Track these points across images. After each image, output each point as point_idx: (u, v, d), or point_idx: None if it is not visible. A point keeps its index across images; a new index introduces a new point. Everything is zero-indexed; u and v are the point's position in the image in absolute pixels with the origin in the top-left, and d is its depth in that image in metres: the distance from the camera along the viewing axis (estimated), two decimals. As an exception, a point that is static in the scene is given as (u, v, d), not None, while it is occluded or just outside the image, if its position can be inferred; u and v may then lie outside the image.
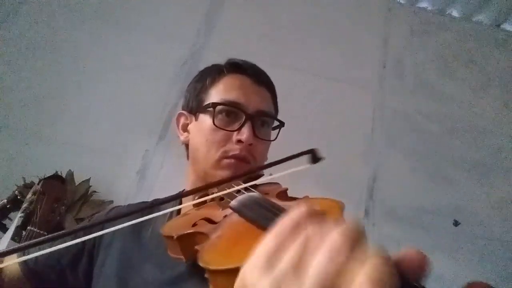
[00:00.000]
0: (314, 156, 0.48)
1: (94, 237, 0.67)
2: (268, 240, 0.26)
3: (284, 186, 0.61)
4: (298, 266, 0.23)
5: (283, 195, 0.57)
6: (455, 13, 2.06)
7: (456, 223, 1.60)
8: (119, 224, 0.37)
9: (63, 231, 0.36)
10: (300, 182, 0.61)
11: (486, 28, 2.03)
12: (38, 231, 1.03)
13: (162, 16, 1.86)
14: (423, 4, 2.06)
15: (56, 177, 1.21)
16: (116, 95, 1.68)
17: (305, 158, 0.50)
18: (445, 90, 1.87)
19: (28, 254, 0.46)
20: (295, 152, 0.49)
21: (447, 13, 2.06)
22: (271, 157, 0.78)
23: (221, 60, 0.78)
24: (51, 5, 1.81)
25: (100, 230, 0.39)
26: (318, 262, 0.23)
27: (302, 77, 1.80)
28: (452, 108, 1.83)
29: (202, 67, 0.82)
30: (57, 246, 0.34)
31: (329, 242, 0.23)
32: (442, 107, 1.83)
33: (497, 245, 1.57)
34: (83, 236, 0.38)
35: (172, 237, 0.48)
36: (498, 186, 1.68)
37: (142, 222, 0.69)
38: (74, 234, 0.35)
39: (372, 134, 1.74)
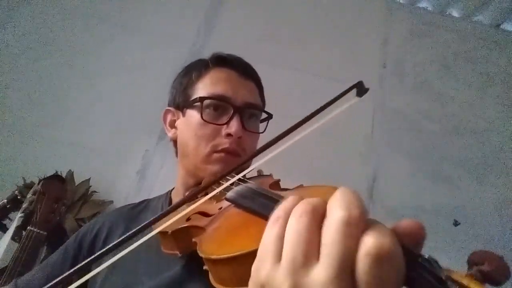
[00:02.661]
0: (360, 89, 0.46)
1: (85, 253, 0.67)
2: (268, 231, 0.26)
3: (276, 178, 0.60)
4: (306, 249, 0.23)
5: (275, 186, 0.57)
6: (455, 13, 2.05)
7: (456, 223, 1.60)
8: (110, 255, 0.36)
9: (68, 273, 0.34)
10: (299, 181, 0.61)
11: (486, 28, 2.03)
12: (38, 231, 1.03)
13: (162, 16, 1.86)
14: (423, 4, 2.06)
15: (56, 177, 1.21)
16: (116, 95, 1.68)
17: (351, 94, 0.48)
18: (445, 90, 1.87)
19: None
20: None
21: (447, 13, 2.06)
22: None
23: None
24: (51, 5, 1.81)
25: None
26: (330, 239, 0.23)
27: (302, 77, 1.80)
28: (452, 108, 1.83)
29: (202, 67, 0.81)
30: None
31: (336, 217, 0.23)
32: (442, 107, 1.83)
33: (497, 245, 1.56)
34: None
35: (167, 232, 0.47)
36: (498, 186, 1.68)
37: (133, 221, 0.69)
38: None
39: (372, 134, 1.74)
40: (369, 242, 0.22)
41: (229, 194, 0.45)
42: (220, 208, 0.47)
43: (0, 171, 1.47)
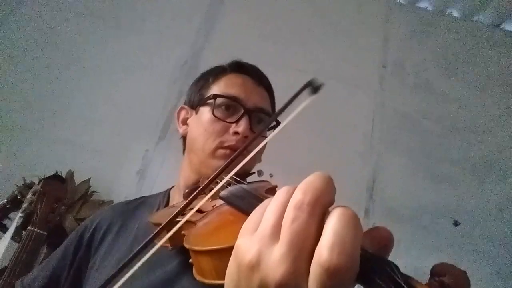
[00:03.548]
0: (313, 87, 0.47)
1: (84, 248, 0.68)
2: (253, 212, 0.29)
3: (274, 183, 0.61)
4: (274, 226, 0.25)
5: (272, 191, 0.58)
6: (455, 13, 2.06)
7: (456, 223, 1.60)
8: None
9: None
10: (300, 181, 0.61)
11: (486, 28, 2.03)
12: (38, 231, 1.03)
13: (162, 16, 1.86)
14: (423, 4, 2.06)
15: (56, 177, 1.21)
16: (116, 95, 1.68)
17: (306, 94, 0.48)
18: (445, 90, 1.87)
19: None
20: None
21: (447, 13, 2.06)
22: (271, 155, 0.78)
23: (221, 60, 0.79)
24: (51, 5, 1.81)
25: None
26: (286, 219, 0.25)
27: (302, 77, 1.80)
28: (452, 108, 1.83)
29: (202, 67, 0.83)
30: None
31: (292, 199, 0.25)
32: (442, 107, 1.83)
33: (497, 245, 1.57)
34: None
35: (160, 224, 0.48)
36: (498, 186, 1.68)
37: (129, 217, 0.71)
38: None
39: (372, 134, 1.74)
40: (323, 255, 0.22)
41: (223, 192, 0.46)
42: (214, 205, 0.49)
43: (0, 171, 1.47)
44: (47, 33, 1.76)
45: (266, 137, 0.74)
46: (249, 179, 0.69)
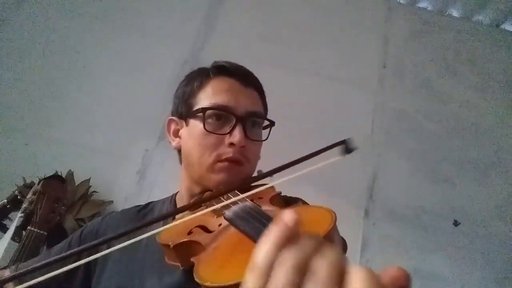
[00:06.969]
0: (346, 147, 0.48)
1: (90, 251, 0.68)
2: (248, 271, 0.28)
3: (278, 189, 0.61)
4: None
5: (276, 199, 0.58)
6: (455, 13, 2.05)
7: (456, 223, 1.60)
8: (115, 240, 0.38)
9: (58, 256, 0.39)
10: (300, 182, 0.61)
11: (486, 28, 2.03)
12: (38, 231, 1.03)
13: (162, 17, 1.86)
14: (423, 4, 2.06)
15: (56, 177, 1.21)
16: (116, 95, 1.68)
17: (337, 150, 0.50)
18: (445, 90, 1.87)
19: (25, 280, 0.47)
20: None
21: (447, 13, 2.06)
22: (271, 157, 0.78)
23: (221, 60, 0.79)
24: (51, 5, 1.81)
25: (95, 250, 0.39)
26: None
27: (302, 77, 1.80)
28: (452, 108, 1.83)
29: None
30: (56, 271, 0.35)
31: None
32: (442, 107, 1.83)
33: (497, 245, 1.56)
34: (79, 257, 0.39)
35: (169, 245, 0.49)
36: (498, 186, 1.68)
37: (137, 229, 0.70)
38: (70, 257, 0.37)
39: (372, 134, 1.74)
40: None
41: (227, 213, 0.46)
42: (220, 224, 0.48)
43: (0, 171, 1.47)
44: (47, 33, 1.76)
45: (261, 140, 0.74)
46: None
